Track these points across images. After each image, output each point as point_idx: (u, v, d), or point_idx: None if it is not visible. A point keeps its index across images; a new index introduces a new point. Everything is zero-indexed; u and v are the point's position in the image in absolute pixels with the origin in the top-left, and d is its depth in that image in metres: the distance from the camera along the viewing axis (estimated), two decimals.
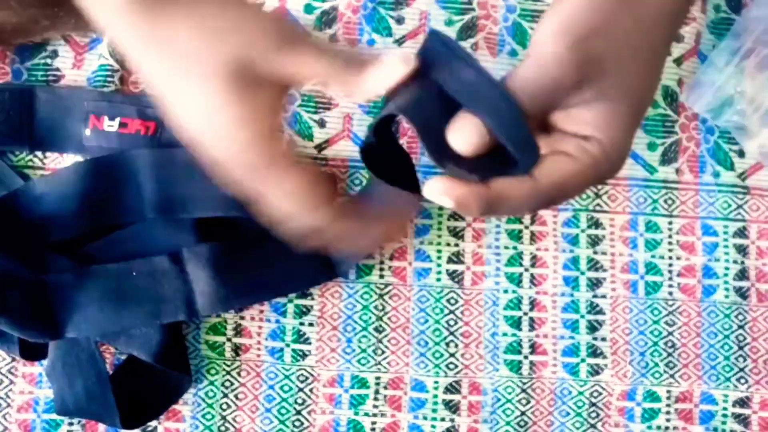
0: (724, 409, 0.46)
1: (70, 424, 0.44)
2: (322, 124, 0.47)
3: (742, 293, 0.47)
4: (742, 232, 0.47)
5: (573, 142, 0.29)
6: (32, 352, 0.43)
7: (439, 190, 0.28)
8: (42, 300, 0.41)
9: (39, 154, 0.46)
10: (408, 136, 0.47)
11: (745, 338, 0.47)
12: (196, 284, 0.42)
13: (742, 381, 0.47)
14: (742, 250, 0.47)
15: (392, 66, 0.29)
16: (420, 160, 0.47)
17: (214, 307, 0.42)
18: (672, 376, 0.46)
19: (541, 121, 0.30)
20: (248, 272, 0.43)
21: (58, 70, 0.47)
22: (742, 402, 0.47)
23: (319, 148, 0.46)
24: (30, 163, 0.46)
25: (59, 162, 0.46)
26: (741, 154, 0.48)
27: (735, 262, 0.47)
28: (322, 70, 0.29)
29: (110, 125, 0.44)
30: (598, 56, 0.28)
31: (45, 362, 0.44)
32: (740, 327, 0.47)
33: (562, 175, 0.28)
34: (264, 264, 0.43)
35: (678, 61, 0.48)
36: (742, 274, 0.47)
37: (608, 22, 0.28)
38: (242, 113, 0.28)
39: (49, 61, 0.46)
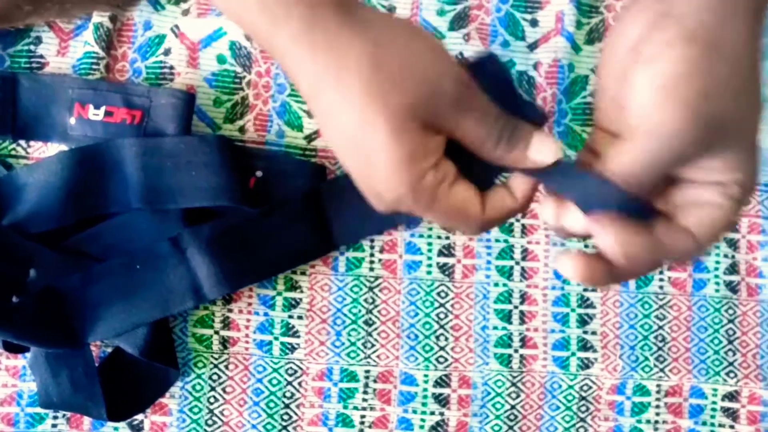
0: (713, 403, 0.47)
1: (55, 417, 0.44)
2: (311, 114, 0.46)
3: (733, 287, 0.47)
4: (732, 226, 0.47)
5: (711, 190, 0.28)
6: (15, 345, 0.42)
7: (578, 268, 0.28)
8: (55, 308, 0.41)
9: (22, 143, 0.45)
10: None
11: (734, 332, 0.47)
12: (199, 269, 0.41)
13: (732, 375, 0.47)
14: (732, 244, 0.47)
15: (543, 153, 0.28)
16: None
17: (220, 289, 0.42)
18: (662, 370, 0.46)
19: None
20: (248, 250, 0.43)
21: (42, 56, 0.46)
22: (731, 396, 0.47)
23: (309, 138, 0.46)
24: (13, 152, 0.45)
25: (43, 151, 0.45)
26: None
27: (726, 256, 0.47)
28: (481, 139, 0.28)
29: (95, 114, 0.43)
30: (715, 118, 0.26)
31: (28, 354, 0.43)
32: (730, 321, 0.47)
33: (716, 225, 0.28)
34: (263, 241, 0.43)
35: None
36: (733, 269, 0.47)
37: (710, 76, 0.26)
38: (404, 157, 0.27)
39: (32, 47, 0.45)
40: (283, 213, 0.43)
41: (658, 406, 0.46)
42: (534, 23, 0.48)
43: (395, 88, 0.26)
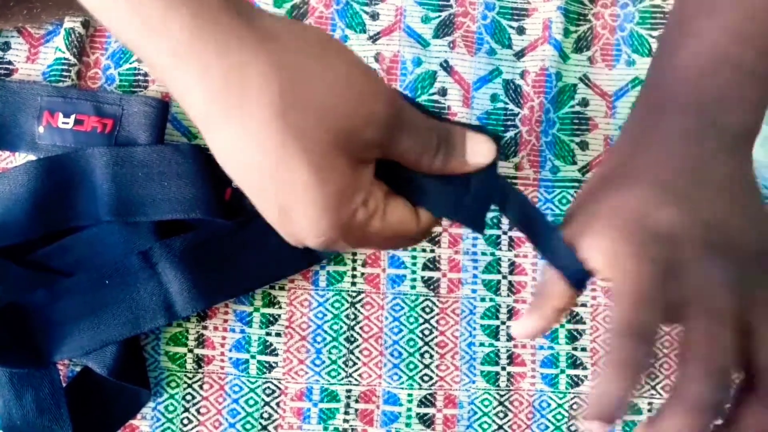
0: None
1: None
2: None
3: None
4: None
5: None
6: None
7: None
8: (19, 325, 0.39)
9: None
10: None
11: None
12: (170, 285, 0.40)
13: None
14: None
15: (480, 154, 0.27)
16: None
17: (193, 305, 0.40)
18: (653, 387, 0.45)
19: None
20: (223, 264, 0.41)
21: (10, 63, 0.44)
22: None
23: None
24: None
25: (10, 161, 0.43)
26: None
27: None
28: (418, 155, 0.25)
29: (65, 122, 0.42)
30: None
31: None
32: None
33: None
34: (238, 254, 0.41)
35: None
36: None
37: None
38: (331, 200, 0.23)
39: (0, 53, 0.44)
40: (260, 223, 0.41)
41: None
42: (521, 31, 0.47)
43: (314, 119, 0.21)
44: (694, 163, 0.26)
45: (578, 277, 0.27)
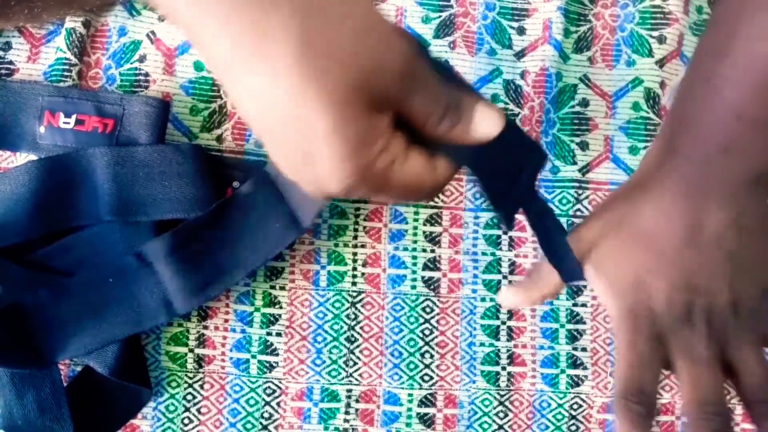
0: None
1: None
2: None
3: None
4: None
5: None
6: None
7: None
8: (20, 325, 0.39)
9: None
10: None
11: None
12: (168, 283, 0.40)
13: None
14: None
15: (486, 125, 0.27)
16: None
17: (191, 301, 0.40)
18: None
19: None
20: (212, 254, 0.40)
21: (11, 63, 0.44)
22: None
23: None
24: None
25: (11, 161, 0.43)
26: None
27: None
28: (426, 115, 0.26)
29: (66, 122, 0.42)
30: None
31: None
32: None
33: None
34: (225, 239, 0.40)
35: (660, 63, 0.47)
36: None
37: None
38: (351, 144, 0.23)
39: (1, 53, 0.44)
40: (239, 205, 0.41)
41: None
42: (521, 31, 0.47)
43: (335, 64, 0.22)
44: (690, 221, 0.29)
45: (573, 279, 0.29)
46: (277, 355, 0.43)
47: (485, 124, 0.27)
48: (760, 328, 0.30)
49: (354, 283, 0.44)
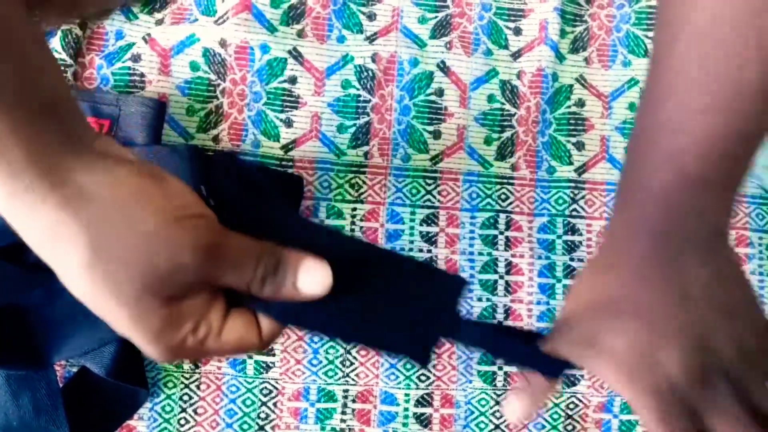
0: None
1: None
2: (288, 123, 0.44)
3: None
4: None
5: None
6: None
7: None
8: (17, 326, 0.39)
9: None
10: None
11: None
12: None
13: None
14: None
15: (312, 284, 0.26)
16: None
17: None
18: None
19: None
20: None
21: None
22: None
23: (286, 149, 0.44)
24: None
25: None
26: None
27: None
28: (245, 283, 0.26)
29: None
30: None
31: None
32: None
33: None
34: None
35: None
36: None
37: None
38: (153, 335, 0.24)
39: None
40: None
41: None
42: (517, 32, 0.47)
43: (123, 270, 0.23)
44: (675, 283, 0.29)
45: (558, 374, 0.29)
46: (274, 355, 0.43)
47: (312, 281, 0.26)
48: (766, 365, 0.30)
49: None
